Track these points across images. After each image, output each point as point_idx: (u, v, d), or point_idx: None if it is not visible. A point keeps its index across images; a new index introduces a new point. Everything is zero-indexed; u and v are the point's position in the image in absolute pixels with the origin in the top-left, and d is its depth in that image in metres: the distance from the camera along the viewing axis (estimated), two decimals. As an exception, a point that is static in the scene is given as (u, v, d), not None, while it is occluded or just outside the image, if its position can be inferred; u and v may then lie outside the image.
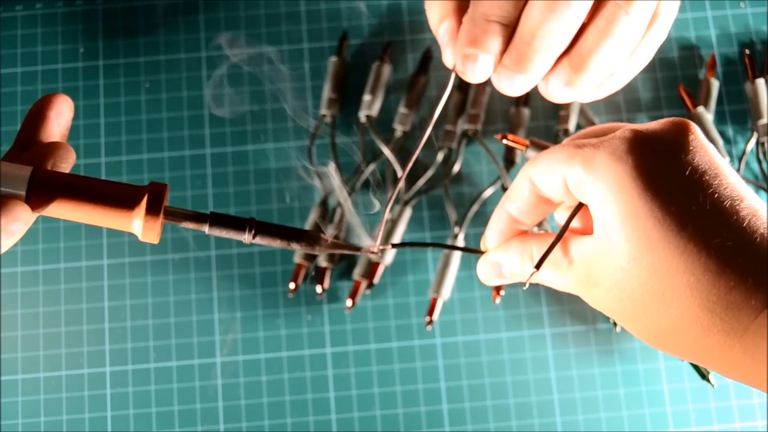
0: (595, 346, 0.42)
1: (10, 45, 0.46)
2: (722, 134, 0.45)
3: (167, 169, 0.45)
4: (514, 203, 0.29)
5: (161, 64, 0.46)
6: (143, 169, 0.44)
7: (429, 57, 0.45)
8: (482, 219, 0.44)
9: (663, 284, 0.23)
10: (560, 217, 0.31)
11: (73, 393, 0.42)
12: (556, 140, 0.44)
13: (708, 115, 0.43)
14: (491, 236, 0.31)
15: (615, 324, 0.41)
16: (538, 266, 0.27)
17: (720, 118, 0.45)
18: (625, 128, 0.25)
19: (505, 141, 0.32)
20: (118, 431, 0.41)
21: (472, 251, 0.31)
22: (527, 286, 0.29)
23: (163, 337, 0.42)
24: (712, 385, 0.38)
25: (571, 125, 0.43)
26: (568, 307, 0.43)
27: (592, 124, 0.44)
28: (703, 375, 0.37)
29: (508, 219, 0.30)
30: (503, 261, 0.30)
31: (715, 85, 0.44)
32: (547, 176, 0.27)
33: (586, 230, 0.28)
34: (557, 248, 0.27)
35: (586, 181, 0.25)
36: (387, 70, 0.45)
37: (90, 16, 0.47)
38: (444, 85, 0.37)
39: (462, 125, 0.44)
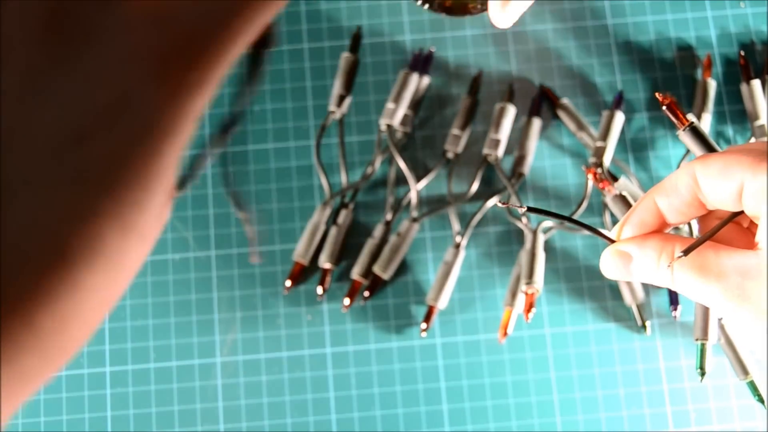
0: (595, 345, 0.42)
1: (10, 45, 0.46)
2: (722, 134, 0.45)
3: (167, 169, 0.44)
4: (667, 198, 0.27)
5: (161, 64, 0.46)
6: (143, 169, 0.44)
7: (430, 57, 0.45)
8: (483, 226, 0.44)
9: None
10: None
11: (73, 393, 0.42)
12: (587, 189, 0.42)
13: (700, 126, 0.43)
14: (630, 226, 0.28)
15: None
16: (686, 252, 0.25)
17: (720, 118, 0.45)
18: None
19: (664, 107, 0.29)
20: (118, 431, 0.41)
21: (604, 237, 0.29)
22: (666, 278, 0.26)
23: (163, 337, 0.42)
24: (766, 408, 0.37)
25: (606, 160, 0.42)
26: (568, 307, 0.43)
27: (592, 137, 0.43)
28: (761, 398, 0.36)
29: (655, 212, 0.28)
30: (637, 254, 0.28)
31: (713, 85, 0.44)
32: (720, 180, 0.25)
33: (731, 242, 0.26)
34: (710, 251, 0.25)
35: None
36: (414, 80, 0.44)
37: (90, 16, 0.47)
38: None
39: (482, 148, 0.43)
